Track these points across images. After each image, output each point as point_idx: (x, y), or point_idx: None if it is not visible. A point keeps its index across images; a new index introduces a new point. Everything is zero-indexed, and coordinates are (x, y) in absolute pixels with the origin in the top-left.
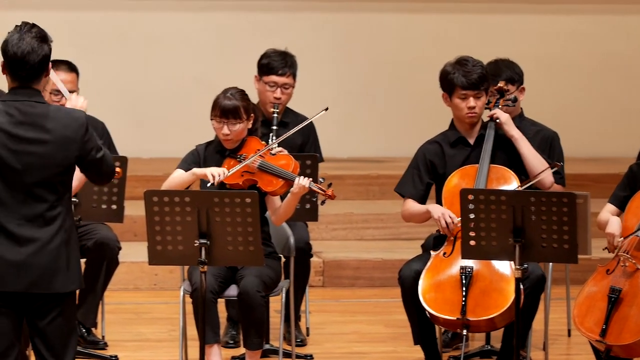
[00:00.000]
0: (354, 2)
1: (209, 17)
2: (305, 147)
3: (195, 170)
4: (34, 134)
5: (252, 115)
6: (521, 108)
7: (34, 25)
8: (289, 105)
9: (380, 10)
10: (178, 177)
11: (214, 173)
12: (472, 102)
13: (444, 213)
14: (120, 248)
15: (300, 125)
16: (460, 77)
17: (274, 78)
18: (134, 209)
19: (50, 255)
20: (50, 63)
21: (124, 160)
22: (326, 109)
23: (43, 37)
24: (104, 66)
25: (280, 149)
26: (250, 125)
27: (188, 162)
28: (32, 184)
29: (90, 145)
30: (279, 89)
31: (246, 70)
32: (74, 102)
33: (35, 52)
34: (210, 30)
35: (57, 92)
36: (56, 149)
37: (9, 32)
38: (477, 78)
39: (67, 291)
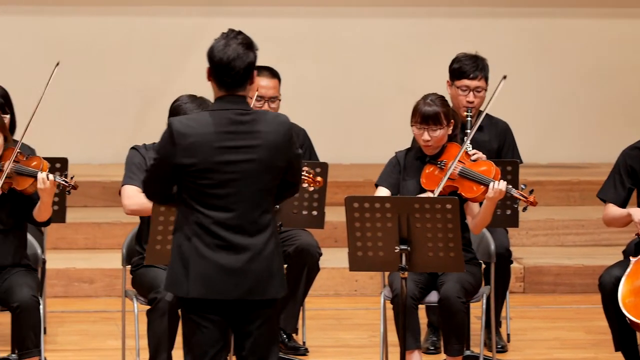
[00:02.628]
0: (552, 8)
1: (410, 23)
2: (502, 151)
3: None
4: (244, 142)
5: (452, 121)
6: None
7: (239, 33)
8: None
9: (579, 15)
10: None
11: None
12: None
13: None
14: (321, 254)
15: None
16: None
17: (465, 82)
18: (335, 215)
19: (265, 262)
20: (255, 70)
21: (324, 167)
22: (504, 77)
23: (249, 44)
24: (304, 72)
25: (480, 154)
26: (450, 131)
27: (388, 173)
28: (245, 190)
29: (294, 150)
30: (471, 93)
31: (447, 76)
32: None
33: (241, 58)
34: (411, 36)
35: (260, 98)
36: (267, 155)
37: (215, 39)
38: None
39: (279, 297)
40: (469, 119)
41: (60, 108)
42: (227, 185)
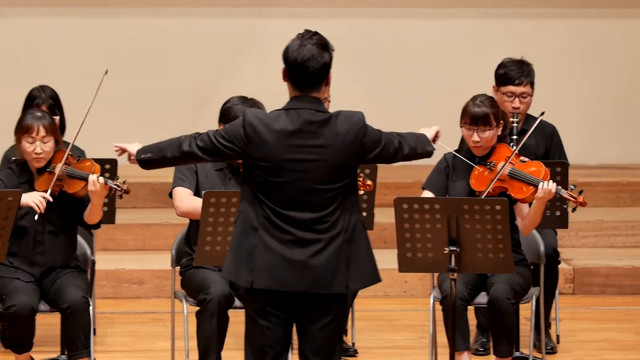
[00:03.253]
0: (604, 9)
1: (461, 24)
2: (549, 154)
3: None
4: (314, 142)
5: (501, 122)
6: None
7: (315, 33)
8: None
9: (629, 16)
10: None
11: None
12: None
13: None
14: None
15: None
16: None
17: (511, 88)
18: (384, 216)
19: (330, 257)
20: (330, 71)
21: (374, 168)
22: (542, 114)
23: (324, 45)
24: (354, 73)
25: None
26: (499, 132)
27: (435, 177)
28: (314, 188)
29: (370, 146)
30: (517, 99)
31: None
32: None
33: (315, 58)
34: (461, 37)
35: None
36: (336, 154)
37: (291, 40)
38: None
39: (345, 292)
40: (514, 124)
41: (111, 109)
42: (295, 182)
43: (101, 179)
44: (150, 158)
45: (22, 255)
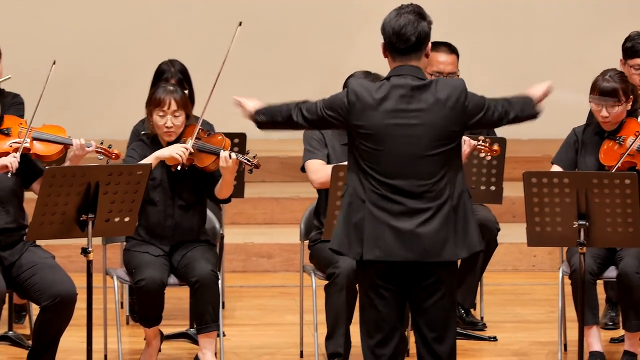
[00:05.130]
0: None
1: None
2: None
3: None
4: (416, 105)
5: (631, 97)
6: None
7: (411, 4)
8: None
9: None
10: None
11: None
12: None
13: None
14: (499, 229)
15: None
16: None
17: (638, 61)
18: (513, 190)
19: (439, 225)
20: (430, 44)
21: (503, 142)
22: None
23: (420, 14)
24: (482, 47)
25: None
26: (629, 107)
27: (564, 152)
28: (420, 156)
29: (472, 110)
30: None
31: None
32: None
33: (412, 24)
34: (590, 10)
35: (439, 73)
36: (439, 119)
37: (387, 14)
38: None
39: (456, 259)
40: None
41: (238, 83)
42: (399, 149)
43: (233, 155)
44: (264, 121)
45: (152, 229)
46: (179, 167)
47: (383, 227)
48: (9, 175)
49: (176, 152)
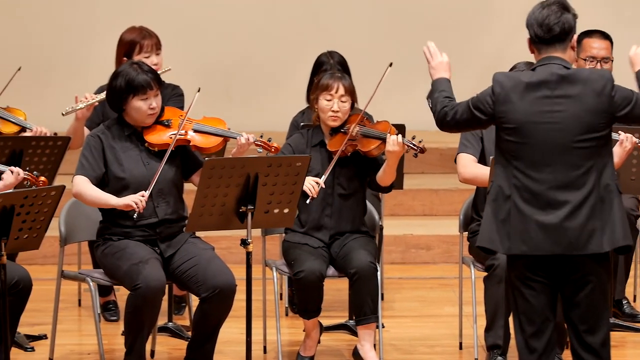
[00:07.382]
0: None
1: None
2: None
3: None
4: (561, 91)
5: None
6: None
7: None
8: None
9: None
10: None
11: None
12: None
13: None
14: (638, 216)
15: None
16: None
17: None
18: None
19: (584, 217)
20: (575, 36)
21: None
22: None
23: (564, 7)
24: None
25: None
26: None
27: None
28: (566, 146)
29: (619, 102)
30: None
31: None
32: None
33: (555, 14)
34: None
35: (592, 58)
36: (585, 106)
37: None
38: None
39: (602, 251)
40: None
41: (399, 75)
42: (545, 139)
43: (400, 138)
44: (429, 103)
45: (311, 220)
46: (307, 201)
47: (529, 221)
48: (135, 215)
49: (307, 185)
